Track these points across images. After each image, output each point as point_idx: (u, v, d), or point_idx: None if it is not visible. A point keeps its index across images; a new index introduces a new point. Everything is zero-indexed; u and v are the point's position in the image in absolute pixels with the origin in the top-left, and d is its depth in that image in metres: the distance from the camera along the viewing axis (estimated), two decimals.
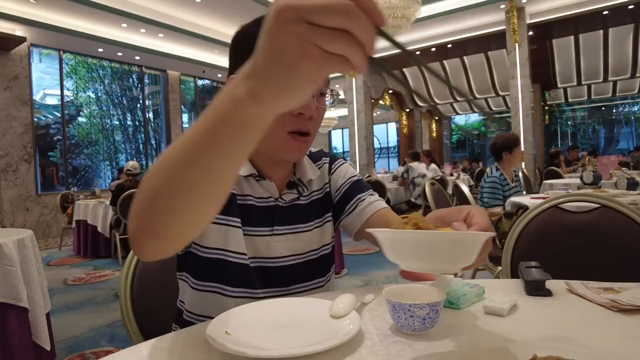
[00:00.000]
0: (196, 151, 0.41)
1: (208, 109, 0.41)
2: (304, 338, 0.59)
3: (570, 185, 3.73)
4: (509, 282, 0.85)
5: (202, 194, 0.43)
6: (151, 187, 0.45)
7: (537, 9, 8.02)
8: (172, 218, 0.45)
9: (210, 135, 0.40)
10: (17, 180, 7.14)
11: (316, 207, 0.92)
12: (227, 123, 0.39)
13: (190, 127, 0.42)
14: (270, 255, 0.84)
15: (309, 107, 0.77)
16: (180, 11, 7.58)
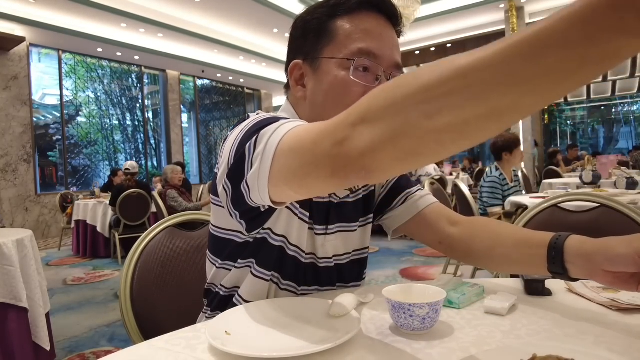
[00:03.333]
0: (541, 76, 0.31)
1: (559, 21, 0.29)
2: (304, 338, 0.59)
3: (570, 184, 3.73)
4: (509, 281, 0.85)
5: (514, 119, 0.36)
6: (438, 105, 0.36)
7: (537, 9, 8.03)
8: (454, 141, 0.38)
9: (577, 54, 0.29)
10: (16, 181, 7.13)
11: (362, 205, 0.88)
12: (590, 52, 0.29)
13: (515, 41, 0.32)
14: (323, 255, 0.81)
15: None
16: (180, 11, 7.58)
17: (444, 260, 3.53)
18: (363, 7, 0.73)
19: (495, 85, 0.33)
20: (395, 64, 0.74)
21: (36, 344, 1.95)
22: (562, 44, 0.29)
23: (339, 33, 0.73)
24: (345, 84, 0.71)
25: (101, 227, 5.29)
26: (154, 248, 1.03)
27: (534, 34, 0.31)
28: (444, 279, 0.77)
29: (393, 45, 0.75)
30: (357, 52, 0.71)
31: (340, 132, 0.44)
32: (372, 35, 0.72)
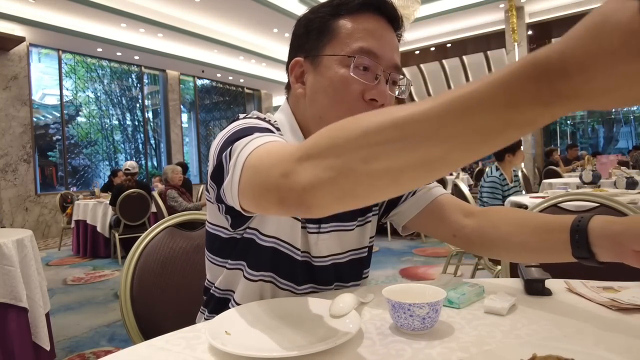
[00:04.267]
0: (470, 134, 0.34)
1: (487, 86, 0.33)
2: (304, 338, 0.59)
3: (570, 184, 3.73)
4: (509, 281, 0.85)
5: (442, 171, 0.38)
6: (375, 151, 0.39)
7: (537, 9, 8.03)
8: (388, 186, 0.40)
9: (501, 119, 0.33)
10: (16, 180, 7.13)
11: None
12: (529, 113, 0.32)
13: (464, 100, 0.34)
14: (316, 254, 0.81)
15: (384, 94, 0.73)
16: (180, 11, 7.58)
17: (444, 260, 3.53)
18: (365, 8, 0.74)
19: (427, 139, 0.36)
20: (394, 65, 0.76)
21: (36, 344, 1.95)
22: (487, 108, 0.32)
23: (341, 31, 0.74)
24: (345, 80, 0.72)
25: (101, 227, 5.29)
26: (154, 248, 1.03)
27: (465, 95, 0.33)
28: (444, 278, 0.77)
29: (393, 47, 0.76)
30: (357, 51, 0.72)
31: (289, 165, 0.46)
32: (373, 35, 0.73)
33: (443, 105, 0.35)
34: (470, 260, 3.23)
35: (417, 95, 13.91)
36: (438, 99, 0.36)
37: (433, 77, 13.09)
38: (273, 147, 0.54)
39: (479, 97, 0.33)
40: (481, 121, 0.33)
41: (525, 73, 0.31)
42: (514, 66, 0.31)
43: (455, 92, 0.34)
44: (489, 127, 0.33)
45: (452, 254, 3.04)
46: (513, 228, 0.75)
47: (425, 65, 12.20)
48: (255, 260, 0.78)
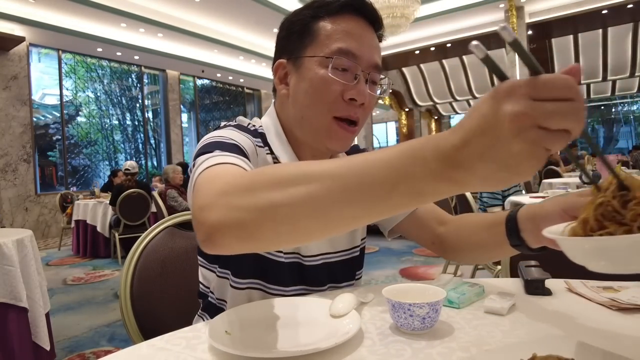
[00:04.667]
0: (364, 194, 0.40)
1: (393, 160, 0.39)
2: (304, 338, 0.59)
3: (570, 184, 3.73)
4: (509, 281, 0.85)
5: (341, 227, 0.44)
6: (277, 193, 0.43)
7: (536, 8, 8.02)
8: (289, 234, 0.44)
9: (388, 188, 0.39)
10: (16, 180, 7.13)
11: None
12: (411, 188, 0.39)
13: (364, 167, 0.41)
14: (306, 253, 0.81)
15: (363, 93, 0.74)
16: (180, 11, 7.58)
17: (444, 260, 3.53)
18: (345, 9, 0.76)
19: (328, 196, 0.41)
20: (374, 64, 0.77)
21: (36, 344, 1.94)
22: (379, 180, 0.39)
23: (321, 33, 0.75)
24: (324, 81, 0.73)
25: (101, 227, 5.29)
26: (154, 248, 1.03)
27: (362, 169, 0.40)
28: (444, 278, 0.77)
29: (373, 47, 0.77)
30: (336, 51, 0.73)
31: (209, 198, 0.49)
32: (352, 36, 0.75)
33: (346, 168, 0.41)
34: None
35: (417, 95, 13.91)
36: (345, 162, 0.42)
37: (433, 77, 13.09)
38: (217, 173, 0.55)
39: (373, 174, 0.40)
40: (374, 191, 0.40)
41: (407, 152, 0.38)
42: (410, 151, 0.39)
43: (355, 164, 0.41)
44: (381, 195, 0.40)
45: None
46: (472, 228, 0.80)
47: (425, 65, 12.20)
48: (239, 268, 0.78)
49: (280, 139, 0.80)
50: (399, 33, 6.99)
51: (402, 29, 6.83)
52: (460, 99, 14.21)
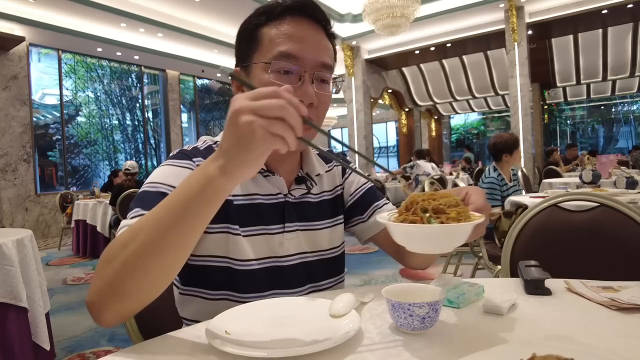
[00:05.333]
0: (175, 217, 0.54)
1: (183, 184, 0.55)
2: (304, 338, 0.59)
3: (570, 184, 3.73)
4: (509, 281, 0.85)
5: (175, 254, 0.56)
6: (124, 251, 0.55)
7: (536, 8, 8.02)
8: (144, 276, 0.55)
9: (187, 204, 0.54)
10: (16, 180, 7.13)
11: (327, 206, 0.91)
12: (201, 194, 0.53)
13: (167, 199, 0.56)
14: (283, 253, 0.82)
15: (307, 94, 0.75)
16: (180, 11, 7.57)
17: (443, 260, 3.53)
18: (288, 13, 0.77)
19: (153, 237, 0.54)
20: (320, 64, 0.77)
21: (36, 344, 1.94)
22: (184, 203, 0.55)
23: (265, 39, 0.77)
24: (267, 85, 0.72)
25: (101, 226, 5.29)
26: None
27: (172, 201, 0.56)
28: (444, 278, 0.77)
29: (318, 47, 0.78)
30: (277, 55, 0.75)
31: (97, 266, 0.59)
32: (294, 38, 0.75)
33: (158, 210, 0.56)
34: (470, 260, 3.24)
35: (417, 95, 13.91)
36: (162, 204, 0.56)
37: (433, 76, 13.09)
38: (120, 237, 0.61)
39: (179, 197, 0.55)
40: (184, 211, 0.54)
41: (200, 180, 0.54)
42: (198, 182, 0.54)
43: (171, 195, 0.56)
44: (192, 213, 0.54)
45: (452, 253, 3.04)
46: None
47: (425, 65, 12.19)
48: (209, 281, 0.79)
49: None
50: (399, 33, 6.98)
51: (402, 29, 6.83)
52: (460, 98, 14.20)
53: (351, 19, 8.69)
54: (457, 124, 21.03)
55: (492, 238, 2.81)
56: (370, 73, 10.36)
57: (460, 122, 21.07)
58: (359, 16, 7.93)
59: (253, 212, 0.80)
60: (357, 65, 9.94)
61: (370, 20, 6.79)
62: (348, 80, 10.05)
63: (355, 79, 9.98)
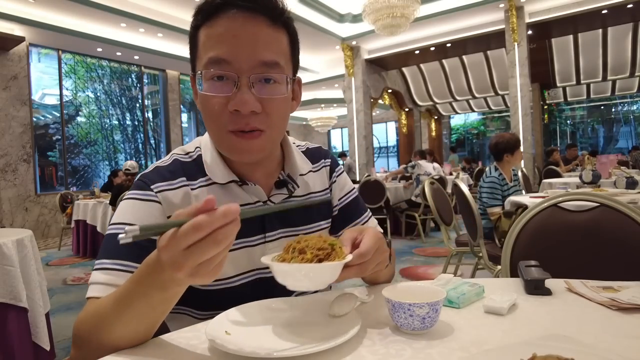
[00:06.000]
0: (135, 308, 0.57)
1: (137, 279, 0.56)
2: (304, 338, 0.59)
3: (570, 184, 3.73)
4: (509, 281, 0.85)
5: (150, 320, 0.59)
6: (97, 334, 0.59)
7: (536, 8, 8.02)
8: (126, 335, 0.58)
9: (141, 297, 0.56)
10: (16, 180, 7.13)
11: (314, 212, 0.86)
12: (160, 293, 0.55)
13: (121, 293, 0.58)
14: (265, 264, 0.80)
15: (243, 101, 0.66)
16: (179, 11, 7.57)
17: (444, 260, 3.53)
18: (221, 9, 0.67)
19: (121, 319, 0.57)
20: (258, 63, 0.67)
21: (36, 344, 1.94)
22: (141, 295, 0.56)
23: (199, 45, 0.70)
24: (204, 98, 0.69)
25: (101, 227, 5.28)
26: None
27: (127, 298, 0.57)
28: (444, 278, 0.77)
29: (256, 43, 0.67)
30: (207, 63, 0.67)
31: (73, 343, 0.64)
32: (223, 40, 0.67)
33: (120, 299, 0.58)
34: (470, 260, 3.23)
35: (417, 95, 13.90)
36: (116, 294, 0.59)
37: (433, 76, 13.08)
38: (84, 313, 0.64)
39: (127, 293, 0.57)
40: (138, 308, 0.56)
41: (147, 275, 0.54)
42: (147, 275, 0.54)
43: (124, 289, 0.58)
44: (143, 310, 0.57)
45: (452, 253, 3.04)
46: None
47: (425, 65, 12.19)
48: (199, 303, 0.78)
49: (212, 156, 0.77)
50: (399, 33, 6.98)
51: (402, 29, 6.83)
52: (460, 99, 14.20)
53: (351, 19, 8.69)
54: (457, 124, 21.04)
55: (492, 238, 2.81)
56: (370, 73, 10.36)
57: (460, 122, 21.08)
58: (359, 16, 7.93)
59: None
60: (357, 65, 9.94)
61: (370, 20, 6.79)
62: (348, 81, 10.06)
63: (355, 79, 9.98)
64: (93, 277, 0.66)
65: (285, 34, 0.72)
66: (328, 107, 15.47)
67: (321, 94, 14.03)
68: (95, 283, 0.65)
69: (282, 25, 0.71)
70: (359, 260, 0.61)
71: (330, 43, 9.52)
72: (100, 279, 0.65)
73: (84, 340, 0.61)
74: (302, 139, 14.62)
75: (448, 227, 3.02)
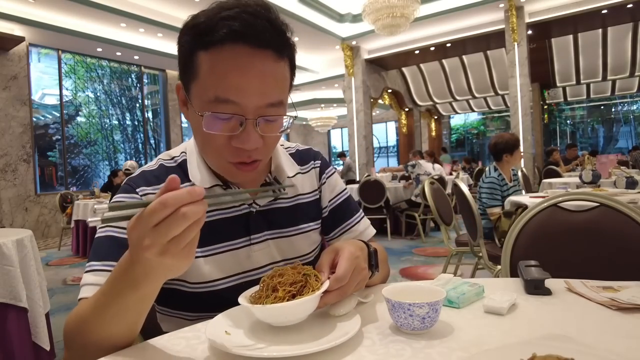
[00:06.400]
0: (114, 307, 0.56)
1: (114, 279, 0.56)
2: (304, 338, 0.59)
3: (570, 184, 3.73)
4: (509, 281, 0.85)
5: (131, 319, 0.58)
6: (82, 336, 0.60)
7: (536, 8, 8.02)
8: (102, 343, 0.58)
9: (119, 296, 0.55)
10: (16, 180, 7.13)
11: (303, 210, 0.85)
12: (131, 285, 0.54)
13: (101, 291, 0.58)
14: (252, 267, 0.78)
15: (248, 141, 0.66)
16: (179, 11, 7.57)
17: (444, 260, 3.53)
18: (228, 39, 0.63)
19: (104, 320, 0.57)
20: (266, 105, 0.66)
21: (36, 344, 1.94)
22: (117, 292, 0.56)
23: (200, 72, 0.66)
24: (205, 135, 0.68)
25: None
26: None
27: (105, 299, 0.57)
28: (444, 278, 0.77)
29: (264, 84, 0.65)
30: (213, 100, 0.65)
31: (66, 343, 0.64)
32: (229, 77, 0.64)
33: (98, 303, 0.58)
34: (470, 260, 3.24)
35: (417, 95, 13.91)
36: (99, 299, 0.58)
37: (433, 76, 13.09)
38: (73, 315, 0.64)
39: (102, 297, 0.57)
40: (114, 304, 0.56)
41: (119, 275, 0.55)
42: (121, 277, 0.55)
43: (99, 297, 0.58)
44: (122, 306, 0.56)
45: (452, 253, 3.05)
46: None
47: (425, 65, 12.19)
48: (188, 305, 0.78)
49: (197, 161, 0.78)
50: (399, 33, 6.99)
51: (402, 29, 6.83)
52: (460, 98, 14.20)
53: (351, 19, 8.69)
54: (457, 124, 21.04)
55: (492, 238, 2.81)
56: (370, 73, 10.36)
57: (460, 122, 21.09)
58: (359, 16, 7.93)
59: (213, 230, 0.75)
60: (357, 65, 9.94)
61: (370, 20, 6.79)
62: (348, 80, 10.06)
63: (355, 79, 9.98)
64: (84, 279, 0.67)
65: (288, 63, 0.70)
66: (328, 107, 15.47)
67: (321, 93, 14.03)
68: (86, 284, 0.66)
69: (287, 55, 0.69)
70: (337, 285, 0.63)
71: (330, 43, 9.53)
72: (90, 280, 0.66)
73: (71, 341, 0.62)
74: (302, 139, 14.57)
75: (448, 227, 3.02)
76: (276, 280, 0.62)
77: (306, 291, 0.60)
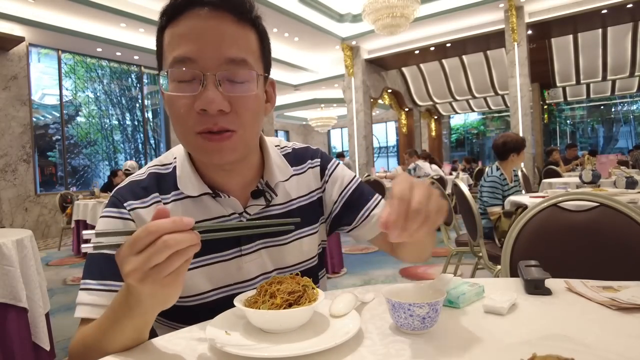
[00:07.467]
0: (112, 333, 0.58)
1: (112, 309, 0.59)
2: (304, 338, 0.59)
3: (570, 184, 3.73)
4: (509, 281, 0.85)
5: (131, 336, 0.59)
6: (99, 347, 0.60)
7: (536, 8, 8.02)
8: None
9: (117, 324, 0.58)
10: (16, 181, 7.13)
11: (298, 215, 0.80)
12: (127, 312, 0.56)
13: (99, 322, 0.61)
14: (243, 278, 0.76)
15: (209, 99, 0.63)
16: None
17: (444, 260, 3.53)
18: (186, 8, 0.65)
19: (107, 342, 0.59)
20: (224, 60, 0.65)
21: (36, 344, 1.94)
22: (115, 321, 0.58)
23: (164, 45, 0.68)
24: (170, 99, 0.67)
25: None
26: None
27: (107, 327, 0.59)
28: (444, 278, 0.77)
29: (221, 40, 0.65)
30: (172, 63, 0.65)
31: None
32: (188, 38, 0.64)
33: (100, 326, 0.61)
34: (470, 260, 3.24)
35: (417, 95, 13.91)
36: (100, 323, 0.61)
37: (433, 76, 13.09)
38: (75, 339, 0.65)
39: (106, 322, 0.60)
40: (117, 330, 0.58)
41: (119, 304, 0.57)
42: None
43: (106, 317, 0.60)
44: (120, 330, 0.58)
45: (452, 253, 3.05)
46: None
47: (425, 65, 12.19)
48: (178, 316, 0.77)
49: (185, 167, 0.75)
50: (399, 33, 6.99)
51: (401, 29, 6.83)
52: (460, 98, 14.20)
53: (351, 19, 8.70)
54: (457, 124, 21.06)
55: (492, 238, 2.81)
56: (370, 73, 10.36)
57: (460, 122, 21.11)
58: (359, 16, 7.94)
59: (202, 241, 0.75)
60: (357, 65, 9.94)
61: (370, 20, 6.80)
62: (348, 80, 10.06)
63: (355, 79, 9.99)
64: (79, 297, 0.67)
65: (254, 32, 0.69)
66: (328, 107, 15.47)
67: (321, 93, 14.03)
68: (82, 304, 0.67)
69: (250, 23, 0.68)
70: (401, 206, 0.53)
71: (330, 43, 9.53)
72: (86, 299, 0.67)
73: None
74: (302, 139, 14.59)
75: (448, 227, 3.02)
76: (274, 287, 0.62)
77: (303, 302, 0.60)
